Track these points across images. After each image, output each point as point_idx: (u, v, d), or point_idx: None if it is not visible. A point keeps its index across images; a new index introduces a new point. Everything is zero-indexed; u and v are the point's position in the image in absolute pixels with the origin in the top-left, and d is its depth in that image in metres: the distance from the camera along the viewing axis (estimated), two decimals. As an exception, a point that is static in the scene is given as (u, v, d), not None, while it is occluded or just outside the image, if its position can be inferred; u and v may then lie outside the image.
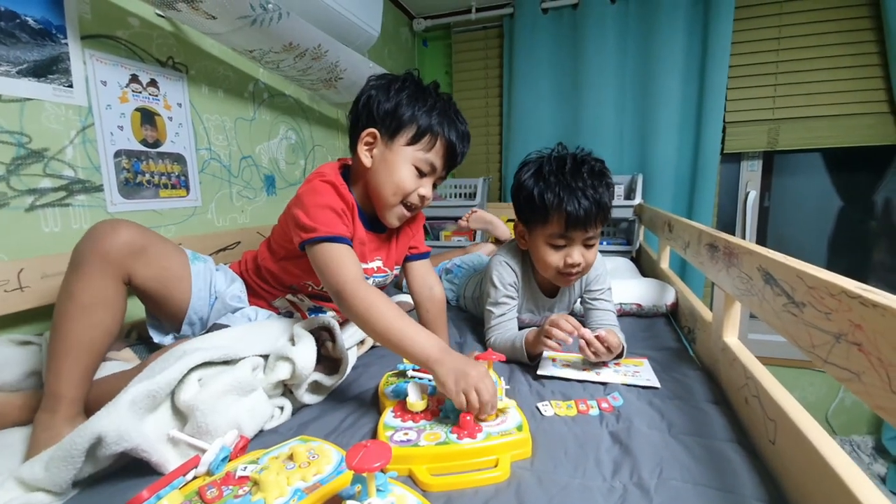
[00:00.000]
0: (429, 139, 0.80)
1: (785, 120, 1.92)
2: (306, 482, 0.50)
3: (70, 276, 0.65)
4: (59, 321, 0.64)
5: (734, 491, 0.50)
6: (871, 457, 1.94)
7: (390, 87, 0.80)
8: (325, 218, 0.75)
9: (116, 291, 0.67)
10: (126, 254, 0.68)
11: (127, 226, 0.69)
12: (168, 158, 1.11)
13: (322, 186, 0.78)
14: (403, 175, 0.80)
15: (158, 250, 0.74)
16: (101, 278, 0.65)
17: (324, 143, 1.76)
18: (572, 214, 0.85)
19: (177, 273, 0.78)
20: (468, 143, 0.86)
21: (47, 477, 0.51)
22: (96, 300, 0.65)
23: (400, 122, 0.79)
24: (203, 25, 0.97)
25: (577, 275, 0.93)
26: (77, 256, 0.66)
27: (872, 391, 0.37)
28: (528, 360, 0.89)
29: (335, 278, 0.71)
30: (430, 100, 0.81)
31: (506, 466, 0.56)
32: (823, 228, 2.13)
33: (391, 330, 0.67)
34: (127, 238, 0.68)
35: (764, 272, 0.58)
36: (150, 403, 0.58)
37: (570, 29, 2.08)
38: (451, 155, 0.83)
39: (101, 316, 0.65)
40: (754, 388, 0.62)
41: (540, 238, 0.92)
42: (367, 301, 0.69)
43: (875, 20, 1.75)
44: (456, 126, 0.82)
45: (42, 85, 0.86)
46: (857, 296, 0.39)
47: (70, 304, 0.64)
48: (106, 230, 0.67)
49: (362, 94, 0.82)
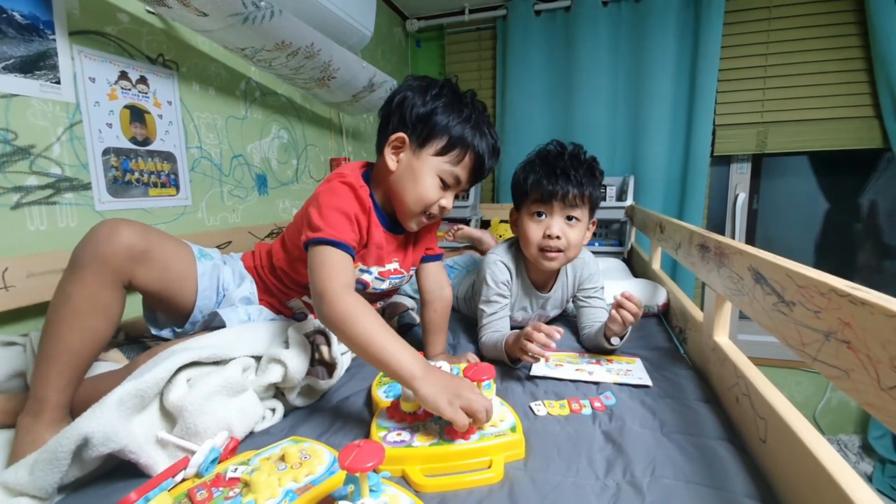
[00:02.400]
0: (458, 152, 0.77)
1: (773, 123, 1.95)
2: (298, 483, 0.50)
3: (67, 278, 0.63)
4: (52, 324, 0.62)
5: (725, 488, 0.51)
6: (858, 456, 1.97)
7: (427, 91, 0.77)
8: (335, 221, 0.73)
9: (114, 297, 0.65)
10: (126, 258, 0.66)
11: (128, 227, 0.67)
12: (158, 157, 1.10)
13: (340, 188, 0.76)
14: (427, 186, 0.78)
15: (161, 252, 0.72)
16: (99, 284, 0.63)
17: (316, 142, 1.75)
18: (546, 185, 0.90)
19: (180, 274, 0.76)
20: (497, 158, 0.83)
21: (31, 481, 0.50)
22: (92, 306, 0.63)
23: (432, 131, 0.76)
24: (194, 22, 0.96)
25: (558, 254, 0.93)
26: (76, 258, 0.63)
27: (861, 388, 0.38)
28: (509, 364, 0.89)
29: (321, 281, 0.68)
30: (466, 111, 0.77)
31: (499, 467, 0.56)
32: (810, 230, 2.16)
33: (371, 342, 0.63)
34: (128, 241, 0.66)
35: (754, 272, 0.59)
36: (138, 404, 0.58)
37: (563, 31, 2.09)
38: (479, 169, 0.81)
39: (95, 322, 0.63)
40: (745, 386, 0.63)
41: (524, 214, 0.97)
42: (349, 310, 0.65)
43: (861, 26, 1.78)
44: (487, 140, 0.79)
45: (29, 81, 0.85)
46: (847, 294, 0.39)
47: (65, 307, 0.62)
48: (106, 232, 0.65)
49: (397, 94, 0.79)
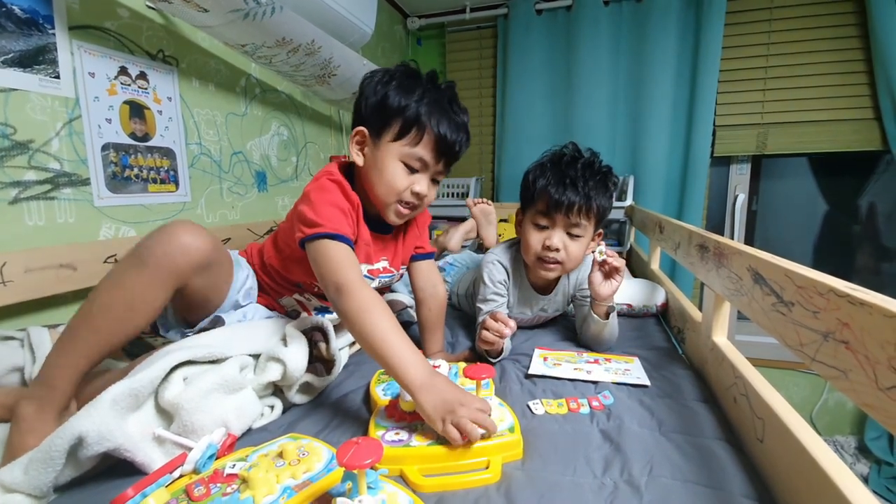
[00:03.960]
0: (415, 133, 0.75)
1: (773, 125, 1.95)
2: (296, 480, 0.50)
3: (129, 271, 0.62)
4: (95, 313, 0.61)
5: (723, 488, 0.51)
6: (854, 457, 1.98)
7: (379, 79, 0.77)
8: (331, 215, 0.73)
9: (164, 299, 0.65)
10: (195, 267, 0.66)
11: (203, 238, 0.67)
12: (157, 153, 1.10)
13: (330, 185, 0.77)
14: (393, 173, 0.76)
15: (219, 265, 0.73)
16: (160, 284, 0.63)
17: (316, 139, 1.75)
18: (553, 194, 0.89)
19: (221, 285, 0.77)
20: (465, 135, 0.79)
21: (26, 480, 0.50)
22: (145, 304, 0.62)
23: (386, 117, 0.75)
24: (194, 18, 0.96)
25: (556, 265, 0.94)
26: (146, 254, 0.63)
27: (859, 388, 0.38)
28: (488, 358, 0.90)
29: (335, 275, 0.68)
30: (420, 89, 0.75)
31: (497, 468, 0.56)
32: (809, 232, 2.16)
33: (381, 342, 0.63)
34: (203, 252, 0.67)
35: (753, 272, 0.59)
36: (133, 402, 0.57)
37: (564, 30, 2.09)
38: (444, 148, 0.77)
39: (139, 320, 0.63)
40: (743, 386, 0.63)
41: (528, 219, 0.96)
42: (365, 304, 0.65)
43: (862, 28, 1.78)
44: (448, 116, 0.76)
45: (28, 75, 0.84)
46: (846, 294, 0.39)
47: (118, 300, 0.61)
48: (185, 239, 0.65)
49: (357, 93, 0.81)
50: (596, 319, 0.92)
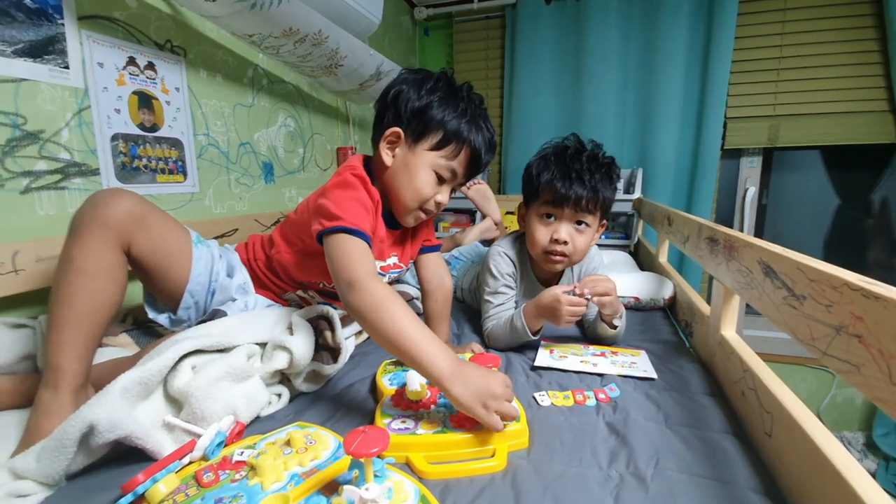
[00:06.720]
0: (454, 147, 0.77)
1: (786, 117, 1.92)
2: (303, 467, 0.50)
3: (70, 243, 0.63)
4: (59, 290, 0.61)
5: (730, 481, 0.51)
6: (862, 453, 1.96)
7: (423, 85, 0.77)
8: (353, 209, 0.72)
9: (117, 259, 0.66)
10: (127, 221, 0.66)
11: (128, 194, 0.68)
12: (165, 143, 1.10)
13: (354, 180, 0.76)
14: (423, 181, 0.78)
15: (158, 221, 0.72)
16: (102, 245, 0.64)
17: (323, 131, 1.74)
18: (560, 188, 0.88)
19: (176, 248, 0.76)
20: (493, 152, 0.83)
21: (39, 468, 0.50)
22: (97, 267, 0.63)
23: (427, 125, 0.76)
24: (202, 8, 0.96)
25: (563, 259, 0.93)
26: (77, 223, 0.64)
27: (872, 383, 0.37)
28: (531, 337, 0.89)
29: (349, 270, 0.66)
30: (462, 104, 0.77)
31: (503, 456, 0.56)
32: (820, 226, 2.14)
33: (401, 336, 0.60)
34: (128, 206, 0.67)
35: (764, 265, 0.58)
36: (143, 391, 0.58)
37: (573, 20, 2.06)
38: (475, 163, 0.81)
39: (102, 284, 0.63)
40: (751, 380, 0.62)
41: (533, 213, 0.95)
42: (379, 299, 0.63)
43: (877, 18, 1.74)
44: (483, 134, 0.79)
45: (38, 65, 0.85)
46: (860, 288, 0.38)
47: (70, 271, 0.62)
48: (107, 198, 0.66)
49: (392, 88, 0.79)
50: (605, 328, 0.92)
